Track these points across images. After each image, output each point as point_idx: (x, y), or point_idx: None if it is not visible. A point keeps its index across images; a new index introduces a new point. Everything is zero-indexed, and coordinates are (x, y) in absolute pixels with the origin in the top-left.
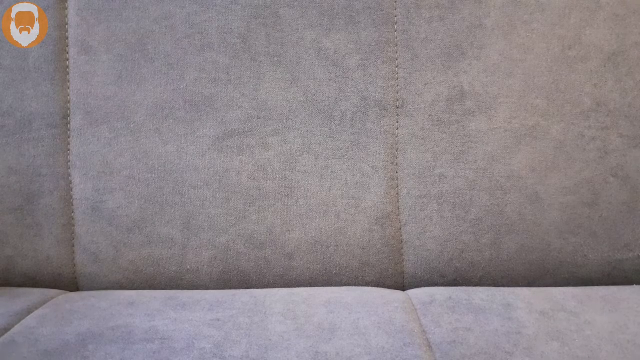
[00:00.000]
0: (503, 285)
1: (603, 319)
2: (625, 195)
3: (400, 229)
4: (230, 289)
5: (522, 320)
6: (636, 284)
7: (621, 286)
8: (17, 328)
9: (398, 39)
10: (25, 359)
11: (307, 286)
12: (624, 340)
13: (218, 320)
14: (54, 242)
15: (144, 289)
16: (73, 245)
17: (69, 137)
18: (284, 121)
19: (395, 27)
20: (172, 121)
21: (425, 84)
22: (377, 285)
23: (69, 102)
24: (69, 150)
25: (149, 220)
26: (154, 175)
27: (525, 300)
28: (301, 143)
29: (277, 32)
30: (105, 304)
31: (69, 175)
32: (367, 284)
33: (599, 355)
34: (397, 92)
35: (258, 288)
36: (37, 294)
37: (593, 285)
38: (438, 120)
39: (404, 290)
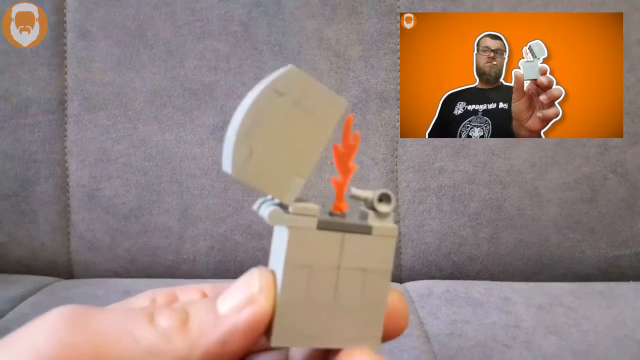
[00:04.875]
0: (500, 279)
1: (600, 313)
2: (624, 192)
3: (399, 221)
4: (227, 278)
5: (520, 314)
6: (633, 281)
7: (618, 282)
8: (10, 315)
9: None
10: None
11: None
12: (621, 335)
13: None
14: (49, 229)
15: (140, 277)
16: (68, 233)
17: (65, 123)
18: None
19: (398, 18)
20: (170, 109)
21: None
22: None
23: (66, 87)
24: (65, 136)
25: (146, 208)
26: (151, 164)
27: (522, 294)
28: None
29: (278, 21)
30: (101, 292)
31: (65, 161)
32: None
33: (596, 349)
34: (398, 84)
35: None
36: (31, 280)
37: (589, 281)
38: None
39: (401, 283)
